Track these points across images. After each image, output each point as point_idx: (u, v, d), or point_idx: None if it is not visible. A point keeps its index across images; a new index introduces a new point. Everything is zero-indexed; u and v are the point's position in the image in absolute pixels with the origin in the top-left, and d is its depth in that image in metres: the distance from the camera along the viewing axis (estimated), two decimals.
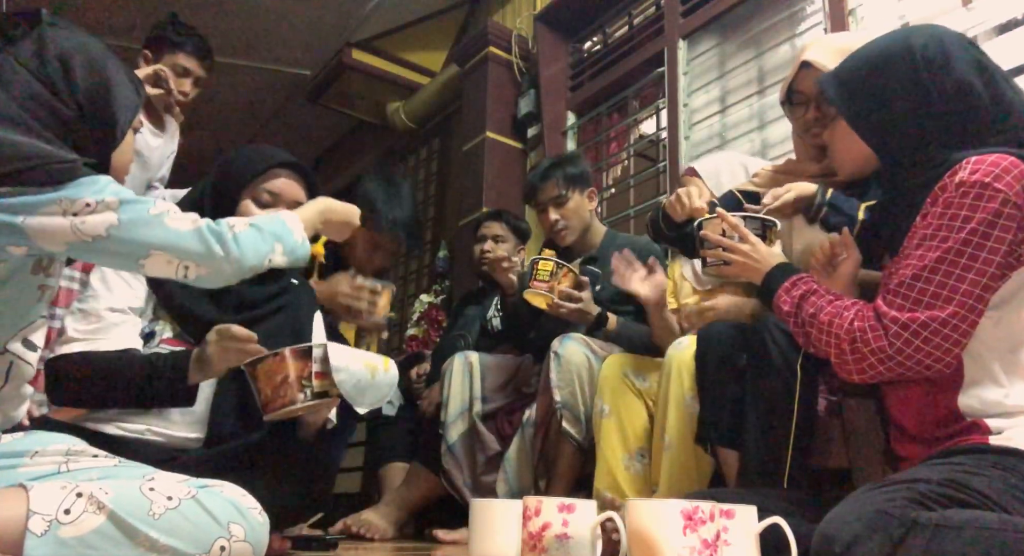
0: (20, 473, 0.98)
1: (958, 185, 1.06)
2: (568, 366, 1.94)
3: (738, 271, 1.37)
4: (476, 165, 3.52)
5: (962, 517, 0.88)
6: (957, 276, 1.04)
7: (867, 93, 1.20)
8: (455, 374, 2.25)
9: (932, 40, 1.17)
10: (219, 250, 1.11)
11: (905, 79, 1.16)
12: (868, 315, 1.11)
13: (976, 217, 1.04)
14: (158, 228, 1.06)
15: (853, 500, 0.97)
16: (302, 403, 1.29)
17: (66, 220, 1.00)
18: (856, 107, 1.22)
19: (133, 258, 1.06)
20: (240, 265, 1.15)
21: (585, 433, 1.92)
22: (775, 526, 0.97)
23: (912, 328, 1.05)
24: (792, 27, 2.57)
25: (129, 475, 1.02)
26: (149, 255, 1.06)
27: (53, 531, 0.87)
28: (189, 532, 0.95)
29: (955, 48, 1.16)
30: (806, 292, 1.22)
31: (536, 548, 1.04)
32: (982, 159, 1.07)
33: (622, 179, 3.28)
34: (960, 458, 1.02)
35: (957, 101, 1.13)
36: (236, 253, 1.13)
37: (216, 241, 1.11)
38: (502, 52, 3.63)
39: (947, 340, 1.04)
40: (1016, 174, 1.05)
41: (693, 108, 2.87)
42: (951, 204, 1.07)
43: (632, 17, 3.29)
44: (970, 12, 2.03)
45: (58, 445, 1.03)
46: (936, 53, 1.15)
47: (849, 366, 1.12)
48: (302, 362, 1.29)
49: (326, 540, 1.72)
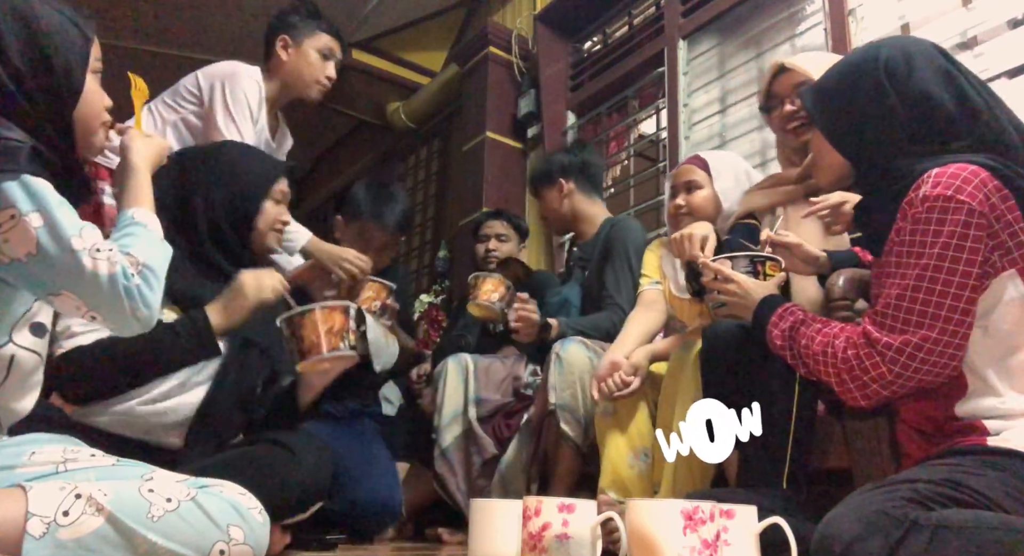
0: (18, 474, 0.97)
1: (922, 200, 1.08)
2: (570, 368, 1.93)
3: (730, 311, 1.42)
4: (476, 165, 3.52)
5: (961, 517, 0.88)
6: (939, 292, 1.05)
7: (838, 104, 1.24)
8: (450, 376, 2.23)
9: (897, 51, 1.20)
10: (127, 305, 1.01)
11: (870, 89, 1.19)
12: (860, 342, 1.12)
13: (945, 231, 1.05)
14: (74, 267, 0.96)
15: (853, 500, 0.97)
16: (342, 352, 1.42)
17: None
18: (829, 118, 1.25)
19: (44, 292, 0.97)
20: (148, 321, 1.06)
21: (584, 436, 1.92)
22: (775, 526, 0.97)
23: (907, 351, 1.07)
24: (792, 27, 2.57)
25: (128, 475, 1.01)
26: (60, 294, 0.97)
27: (52, 533, 0.86)
28: (188, 535, 0.94)
29: (919, 59, 1.18)
30: (794, 323, 1.24)
31: (536, 548, 1.04)
32: (943, 171, 1.08)
33: (622, 179, 3.28)
34: (958, 459, 1.03)
35: (919, 109, 1.15)
36: (145, 313, 1.04)
37: (126, 295, 1.01)
38: (502, 52, 3.63)
39: (943, 356, 1.06)
40: (977, 183, 1.06)
41: (693, 108, 2.87)
42: (919, 220, 1.08)
43: (632, 17, 3.29)
44: (970, 12, 2.03)
45: (55, 445, 1.02)
46: (899, 63, 1.18)
47: (853, 393, 1.13)
48: (345, 317, 1.44)
49: (326, 540, 1.72)
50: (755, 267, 1.44)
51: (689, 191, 1.96)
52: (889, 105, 1.17)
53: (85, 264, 0.95)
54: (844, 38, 2.27)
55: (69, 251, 0.94)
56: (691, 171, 1.98)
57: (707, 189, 1.95)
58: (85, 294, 0.97)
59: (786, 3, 2.60)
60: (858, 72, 1.22)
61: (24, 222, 0.91)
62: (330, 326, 1.42)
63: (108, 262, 0.98)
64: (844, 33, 2.28)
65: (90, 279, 0.96)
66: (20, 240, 0.91)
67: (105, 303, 0.99)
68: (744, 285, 1.39)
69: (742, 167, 2.01)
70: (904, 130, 1.16)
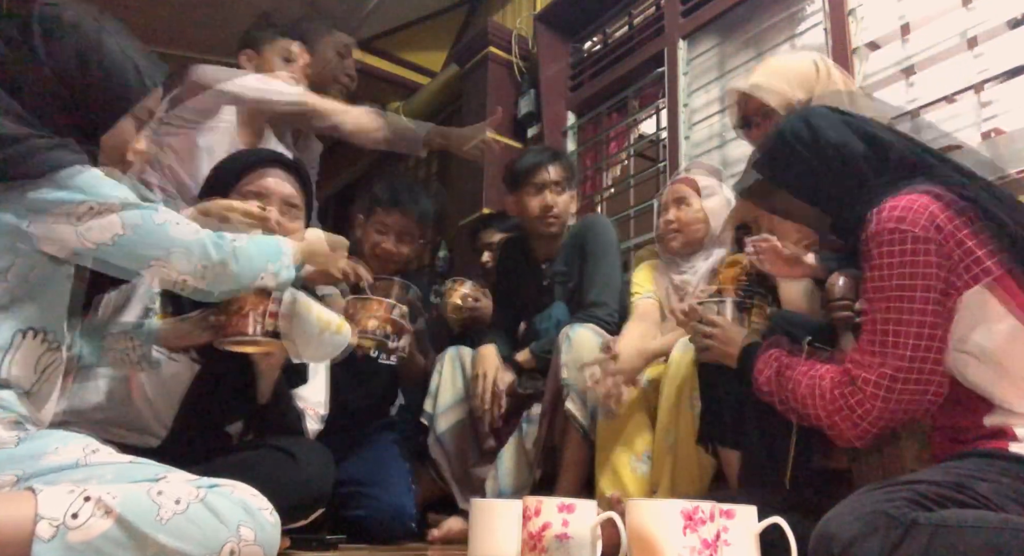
0: (44, 463, 0.98)
1: (875, 235, 1.12)
2: (580, 349, 1.91)
3: (712, 356, 1.46)
4: (476, 165, 3.52)
5: (961, 517, 0.88)
6: (904, 321, 1.07)
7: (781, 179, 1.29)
8: (446, 365, 2.26)
9: (796, 120, 1.26)
10: (219, 266, 1.11)
11: (790, 158, 1.25)
12: (843, 380, 1.13)
13: (896, 262, 1.09)
14: (163, 238, 1.06)
15: (852, 500, 0.97)
16: (251, 337, 1.35)
17: (70, 227, 1.00)
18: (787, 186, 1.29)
19: (134, 268, 1.07)
20: (237, 281, 1.16)
21: (589, 421, 1.89)
22: (775, 526, 0.97)
23: (885, 384, 1.08)
24: (792, 27, 2.58)
25: (143, 473, 1.01)
26: (151, 266, 1.07)
27: (61, 536, 0.86)
28: (197, 537, 0.93)
29: (818, 119, 1.24)
30: (779, 369, 1.26)
31: (536, 548, 1.04)
32: (886, 205, 1.12)
33: (622, 179, 3.28)
34: (972, 462, 1.03)
35: (841, 161, 1.20)
36: (235, 269, 1.14)
37: (218, 255, 1.12)
38: (502, 52, 3.63)
39: (919, 383, 1.07)
40: (918, 209, 1.08)
41: (693, 108, 2.87)
42: (872, 255, 1.12)
43: (632, 17, 3.29)
44: (970, 12, 2.03)
45: (77, 443, 1.03)
46: (801, 129, 1.23)
47: (845, 433, 1.14)
48: (260, 298, 1.35)
49: (326, 540, 1.72)
50: (741, 312, 1.51)
51: (679, 207, 1.99)
52: (811, 165, 1.22)
53: (171, 233, 1.06)
54: (844, 38, 2.27)
55: (153, 222, 1.05)
56: (681, 189, 2.03)
57: (697, 206, 1.98)
58: (176, 260, 1.07)
59: (786, 3, 2.60)
60: (775, 150, 1.27)
61: (104, 206, 1.01)
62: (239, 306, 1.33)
63: (193, 230, 1.09)
64: (844, 33, 2.28)
65: (179, 243, 1.07)
66: (105, 225, 1.01)
67: (195, 265, 1.09)
68: (728, 332, 1.43)
69: (727, 194, 2.06)
70: (843, 181, 1.21)
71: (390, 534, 2.06)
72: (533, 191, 2.23)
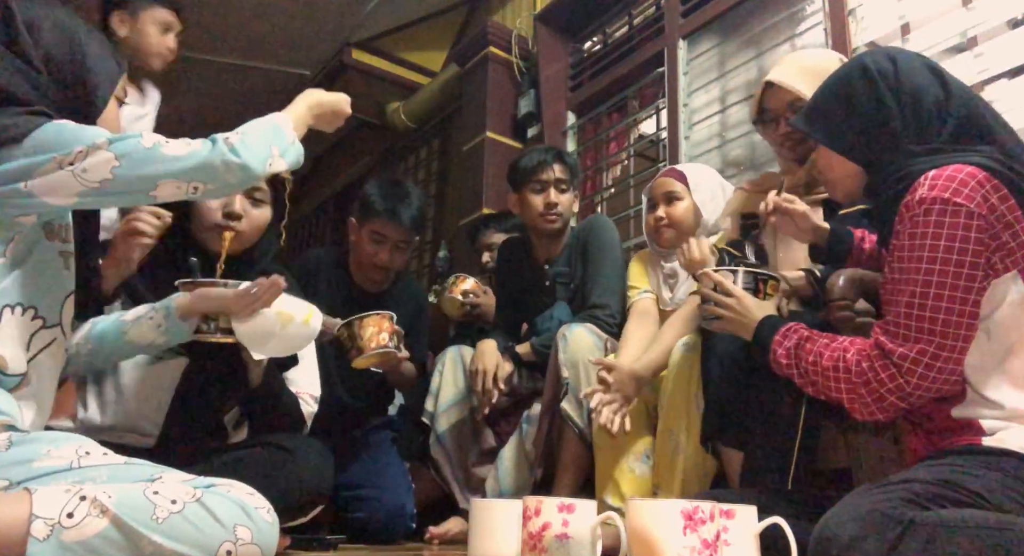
0: (35, 467, 0.97)
1: (919, 203, 1.07)
2: (576, 348, 1.91)
3: (725, 325, 1.39)
4: (476, 165, 3.52)
5: (959, 516, 0.88)
6: (947, 298, 1.05)
7: (838, 116, 1.25)
8: (447, 365, 2.25)
9: (881, 55, 1.24)
10: (221, 163, 1.13)
11: (865, 92, 1.21)
12: (873, 354, 1.11)
13: (944, 235, 1.05)
14: (158, 157, 1.09)
15: (850, 500, 0.97)
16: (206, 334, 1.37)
17: (66, 172, 1.03)
18: (832, 131, 1.26)
19: (143, 192, 1.10)
20: (247, 171, 1.16)
21: (586, 422, 1.88)
22: (775, 526, 0.97)
23: (924, 361, 1.06)
24: (792, 27, 2.57)
25: (138, 474, 1.01)
26: (157, 186, 1.10)
27: (56, 535, 0.86)
28: (194, 536, 0.93)
29: (904, 58, 1.21)
30: (800, 340, 1.23)
31: (536, 548, 1.04)
32: (939, 173, 1.08)
33: (622, 179, 3.28)
34: (954, 459, 1.03)
35: (912, 101, 1.17)
36: (238, 161, 1.14)
37: (217, 155, 1.13)
38: (502, 52, 3.63)
39: (949, 362, 1.06)
40: (975, 184, 1.05)
41: (693, 108, 2.87)
42: (917, 224, 1.08)
43: (632, 17, 3.29)
44: (970, 12, 2.03)
45: (70, 444, 1.03)
46: (886, 65, 1.21)
47: (869, 407, 1.12)
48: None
49: (326, 540, 1.72)
50: (756, 285, 1.40)
51: (669, 203, 1.98)
52: (885, 103, 1.18)
53: (164, 151, 1.09)
54: (844, 38, 2.27)
55: (142, 147, 1.08)
56: (670, 183, 1.99)
57: (687, 200, 1.97)
58: (179, 173, 1.10)
59: (786, 3, 2.60)
60: (850, 81, 1.24)
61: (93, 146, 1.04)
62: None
63: (184, 143, 1.12)
64: (844, 33, 2.28)
65: (173, 159, 1.10)
66: (99, 161, 1.04)
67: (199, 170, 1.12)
68: (744, 302, 1.36)
69: (717, 180, 2.04)
70: (903, 126, 1.17)
71: (390, 534, 2.06)
72: (537, 189, 2.23)
